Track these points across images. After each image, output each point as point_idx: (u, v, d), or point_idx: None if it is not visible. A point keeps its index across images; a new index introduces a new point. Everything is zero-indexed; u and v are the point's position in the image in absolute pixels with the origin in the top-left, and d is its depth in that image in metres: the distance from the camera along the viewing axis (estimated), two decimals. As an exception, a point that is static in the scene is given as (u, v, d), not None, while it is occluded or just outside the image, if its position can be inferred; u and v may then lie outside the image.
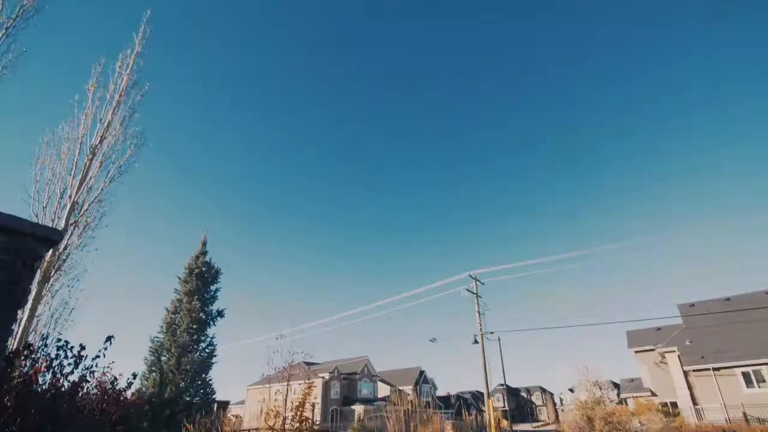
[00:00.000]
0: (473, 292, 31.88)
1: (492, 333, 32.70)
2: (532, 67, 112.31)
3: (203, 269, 14.26)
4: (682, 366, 30.54)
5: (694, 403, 29.72)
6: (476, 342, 31.21)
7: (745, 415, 25.51)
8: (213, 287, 14.59)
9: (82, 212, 12.16)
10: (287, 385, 10.01)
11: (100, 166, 12.24)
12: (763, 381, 27.33)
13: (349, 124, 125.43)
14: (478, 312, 31.57)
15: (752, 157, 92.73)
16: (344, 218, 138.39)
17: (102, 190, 12.34)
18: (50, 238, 3.85)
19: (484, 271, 33.24)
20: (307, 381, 10.25)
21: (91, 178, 12.11)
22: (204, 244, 14.78)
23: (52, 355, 3.93)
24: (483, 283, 32.81)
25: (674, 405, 32.01)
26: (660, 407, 30.12)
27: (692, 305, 35.16)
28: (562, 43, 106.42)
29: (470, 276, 32.46)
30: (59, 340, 3.98)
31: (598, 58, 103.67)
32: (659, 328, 37.79)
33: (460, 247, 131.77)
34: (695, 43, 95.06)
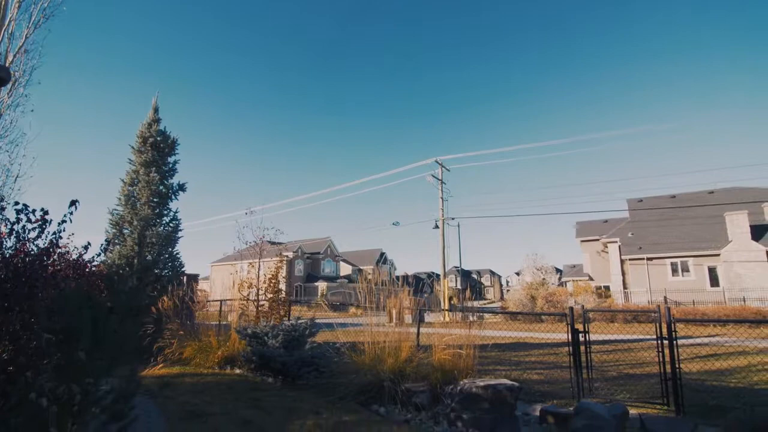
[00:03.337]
0: (438, 179, 32.21)
1: (453, 219, 33.98)
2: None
3: (158, 138, 13.09)
4: (620, 255, 33.51)
5: (625, 287, 33.32)
6: (437, 227, 32.45)
7: (665, 299, 28.94)
8: (171, 159, 13.60)
9: (7, 64, 10.42)
10: (259, 259, 9.98)
11: (18, 7, 10.18)
12: (687, 271, 30.66)
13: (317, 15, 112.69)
14: (442, 198, 32.27)
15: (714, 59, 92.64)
16: (312, 102, 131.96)
17: (26, 38, 10.44)
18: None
19: (450, 157, 33.33)
20: (278, 255, 10.25)
21: (10, 21, 10.13)
22: (156, 110, 13.32)
23: (12, 219, 3.51)
24: (449, 170, 33.07)
25: (607, 288, 35.81)
26: (595, 290, 33.60)
27: (640, 200, 37.43)
28: None
29: (437, 161, 32.47)
30: (17, 203, 3.49)
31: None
32: (606, 221, 40.53)
33: (427, 135, 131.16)
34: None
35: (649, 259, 31.51)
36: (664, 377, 5.50)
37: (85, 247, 4.18)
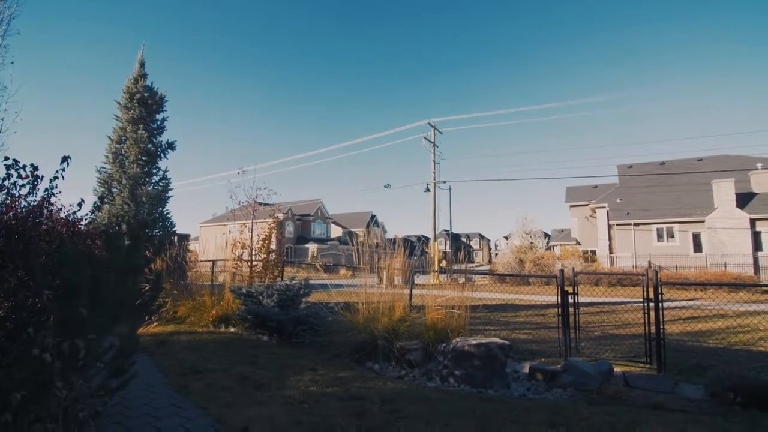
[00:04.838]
0: (431, 141, 31.93)
1: (444, 182, 33.93)
2: None
3: (145, 94, 12.63)
4: (608, 220, 34.02)
5: (611, 251, 34.03)
6: (428, 190, 32.44)
7: (650, 263, 29.60)
8: (159, 116, 13.20)
9: (-19, 12, 9.82)
10: (252, 219, 9.93)
11: (-7, -53, 9.49)
12: (672, 237, 31.28)
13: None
14: (434, 161, 32.08)
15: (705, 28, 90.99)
16: (305, 62, 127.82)
17: (2, -17, 9.80)
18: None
19: (442, 119, 32.89)
20: (271, 216, 10.21)
21: (-17, -36, 9.47)
22: (142, 64, 12.77)
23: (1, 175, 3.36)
24: (441, 132, 32.74)
25: (594, 253, 36.52)
26: (582, 254, 34.23)
27: (630, 166, 37.63)
28: None
29: (429, 124, 32.07)
30: (6, 158, 3.35)
31: None
32: (596, 186, 40.85)
33: (420, 97, 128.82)
34: None
35: (636, 224, 32.04)
36: (648, 337, 5.70)
37: (79, 204, 4.08)
